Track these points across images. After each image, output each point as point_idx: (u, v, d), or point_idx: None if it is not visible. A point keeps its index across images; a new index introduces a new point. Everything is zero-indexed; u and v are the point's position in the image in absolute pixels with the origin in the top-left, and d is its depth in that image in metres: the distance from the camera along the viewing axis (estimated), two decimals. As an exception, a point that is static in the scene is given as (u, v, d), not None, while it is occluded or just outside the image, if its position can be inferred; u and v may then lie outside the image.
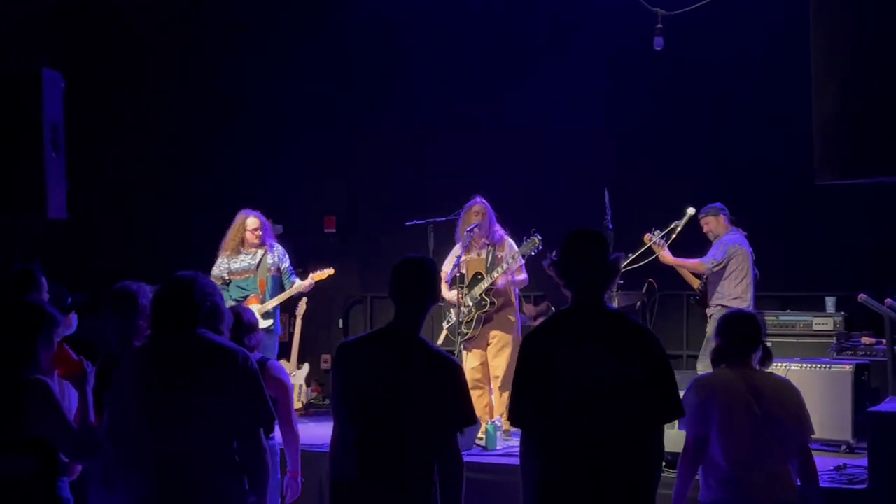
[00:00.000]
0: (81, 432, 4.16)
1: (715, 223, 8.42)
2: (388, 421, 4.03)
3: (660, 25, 8.34)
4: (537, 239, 7.78)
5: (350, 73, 11.21)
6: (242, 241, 8.49)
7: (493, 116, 10.71)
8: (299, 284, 8.52)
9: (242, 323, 5.36)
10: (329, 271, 8.83)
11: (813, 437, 7.25)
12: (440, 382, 4.06)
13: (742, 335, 4.66)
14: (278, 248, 8.61)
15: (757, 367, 4.67)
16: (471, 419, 4.14)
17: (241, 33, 11.24)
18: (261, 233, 8.50)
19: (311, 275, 8.66)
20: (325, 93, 11.24)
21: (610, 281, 4.10)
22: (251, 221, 8.50)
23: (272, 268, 8.52)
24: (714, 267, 8.17)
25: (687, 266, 8.43)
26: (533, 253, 7.86)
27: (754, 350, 4.66)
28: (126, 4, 10.77)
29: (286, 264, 8.61)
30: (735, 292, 8.13)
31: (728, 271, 8.19)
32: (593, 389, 3.86)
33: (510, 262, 7.89)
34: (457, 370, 4.16)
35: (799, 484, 4.61)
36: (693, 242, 8.61)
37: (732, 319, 4.74)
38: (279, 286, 8.51)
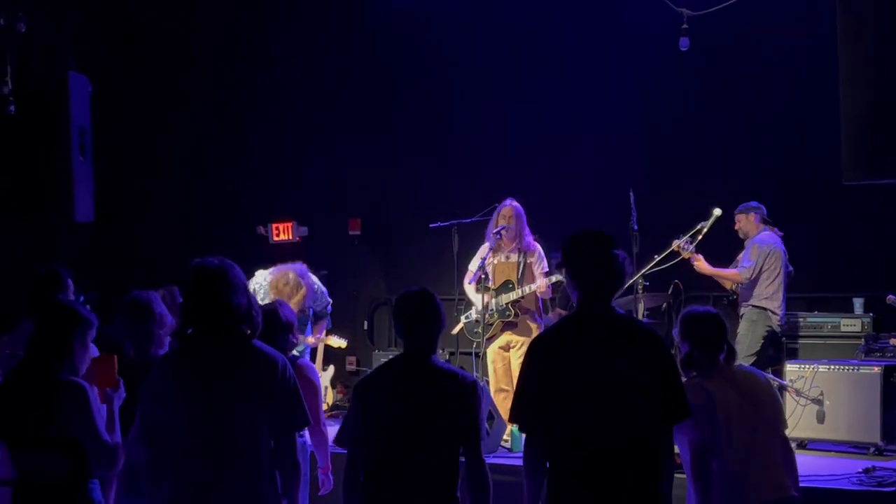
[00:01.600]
0: (110, 442, 4.20)
1: (745, 221, 8.42)
2: (410, 449, 4.03)
3: (685, 26, 8.31)
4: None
5: (375, 75, 11.22)
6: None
7: (519, 118, 10.68)
8: (306, 338, 8.51)
9: (280, 321, 5.37)
10: (342, 343, 8.94)
11: (841, 439, 7.35)
12: (460, 403, 4.07)
13: (711, 337, 4.54)
14: (319, 297, 8.52)
15: (724, 364, 4.57)
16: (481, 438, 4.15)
17: (267, 37, 11.26)
18: (304, 297, 8.31)
19: (321, 337, 8.68)
20: (350, 96, 11.25)
21: (617, 283, 4.01)
22: (297, 299, 8.27)
23: (306, 309, 8.55)
24: (751, 276, 8.14)
25: (724, 276, 8.43)
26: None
27: (721, 350, 4.55)
28: (154, 9, 10.82)
29: (321, 306, 8.52)
30: (766, 292, 8.09)
31: (761, 272, 8.15)
32: (598, 393, 3.82)
33: (542, 283, 7.91)
34: (474, 390, 4.13)
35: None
36: (720, 244, 8.57)
37: (699, 320, 4.58)
38: (307, 323, 8.56)
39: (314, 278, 8.39)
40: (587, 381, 3.84)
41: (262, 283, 8.36)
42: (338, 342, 8.99)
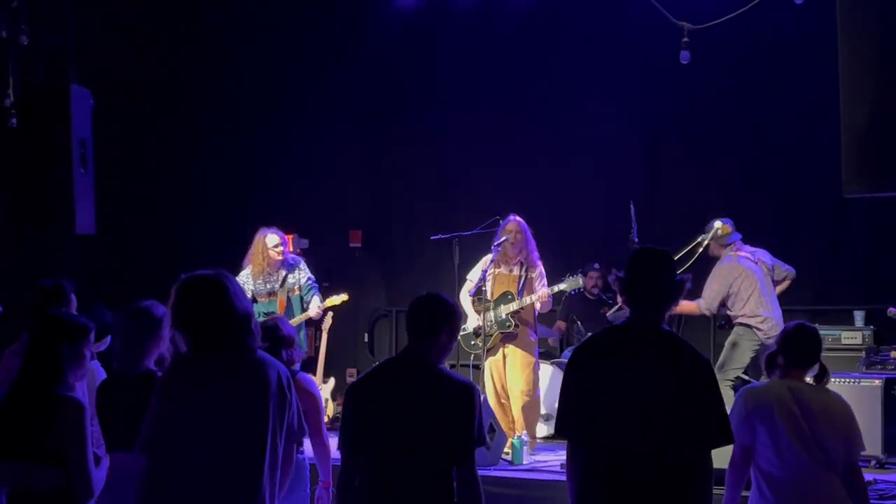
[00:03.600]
0: (93, 472, 4.17)
1: (710, 247, 8.30)
2: (406, 452, 4.00)
3: (686, 39, 8.32)
4: (581, 279, 7.83)
5: (377, 88, 11.25)
6: (265, 261, 8.52)
7: (521, 131, 10.71)
8: (307, 313, 8.52)
9: (283, 336, 5.35)
10: (343, 297, 8.82)
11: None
12: (456, 409, 4.03)
13: (801, 350, 4.60)
14: (299, 265, 8.65)
15: (811, 382, 4.62)
16: (482, 441, 4.12)
17: (269, 50, 11.29)
18: (282, 248, 8.53)
19: (319, 302, 8.64)
20: (351, 108, 11.28)
21: (672, 301, 4.02)
22: (270, 239, 8.52)
23: (294, 287, 8.58)
24: (709, 306, 8.10)
25: (684, 311, 8.28)
26: (573, 292, 7.96)
27: (810, 366, 4.61)
28: (156, 22, 10.85)
29: (305, 279, 8.63)
30: (745, 311, 8.04)
31: (730, 295, 8.09)
32: (639, 407, 3.82)
33: (543, 293, 7.93)
34: (474, 394, 4.10)
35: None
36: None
37: (796, 334, 4.66)
38: (300, 304, 8.55)
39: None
40: (626, 396, 3.84)
41: (244, 284, 8.43)
42: (339, 299, 8.90)
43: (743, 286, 8.05)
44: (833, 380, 7.55)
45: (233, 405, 3.81)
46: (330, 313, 9.22)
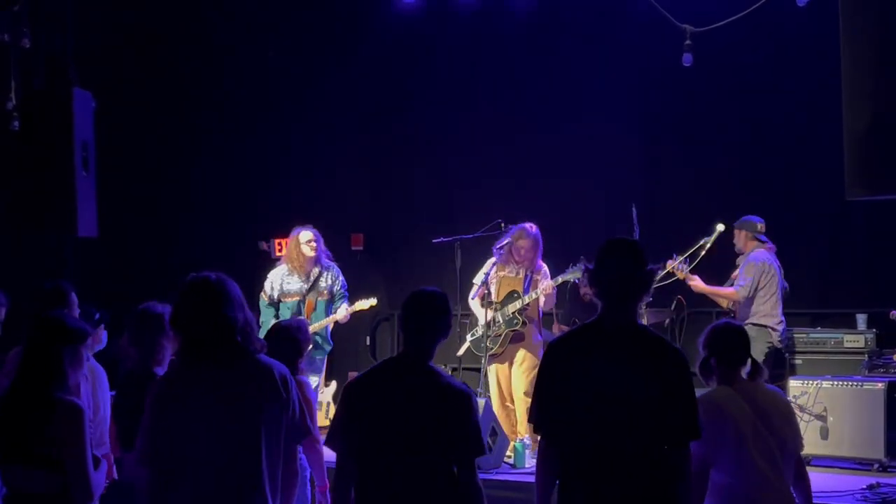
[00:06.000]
0: (92, 475, 4.14)
1: (737, 237, 8.39)
2: (409, 452, 3.98)
3: (689, 42, 8.33)
4: (581, 269, 7.73)
5: (378, 91, 11.24)
6: (300, 257, 8.43)
7: (521, 131, 10.70)
8: (335, 316, 8.43)
9: (299, 340, 5.35)
10: (371, 301, 8.71)
11: (845, 455, 7.35)
12: (452, 414, 4.01)
13: (732, 349, 4.56)
14: (333, 270, 8.54)
15: (746, 379, 4.59)
16: (480, 450, 4.06)
17: (269, 54, 11.28)
18: (315, 244, 8.42)
19: (348, 307, 8.57)
20: (351, 107, 11.27)
21: (642, 293, 3.99)
22: (304, 235, 8.43)
23: (325, 291, 8.43)
24: (747, 294, 8.11)
25: (720, 294, 8.39)
26: (575, 281, 7.91)
27: (743, 364, 4.57)
28: (153, 20, 10.84)
29: (339, 287, 8.52)
30: (764, 309, 8.08)
31: (757, 290, 8.14)
32: (612, 403, 3.81)
33: (547, 287, 7.91)
34: (469, 400, 4.08)
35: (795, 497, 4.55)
36: (725, 259, 8.55)
37: (721, 332, 4.61)
38: (327, 309, 8.46)
39: None
40: (601, 392, 3.82)
41: (272, 284, 8.39)
42: (368, 303, 8.76)
43: (769, 283, 8.10)
44: (835, 383, 7.61)
45: (229, 404, 3.80)
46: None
